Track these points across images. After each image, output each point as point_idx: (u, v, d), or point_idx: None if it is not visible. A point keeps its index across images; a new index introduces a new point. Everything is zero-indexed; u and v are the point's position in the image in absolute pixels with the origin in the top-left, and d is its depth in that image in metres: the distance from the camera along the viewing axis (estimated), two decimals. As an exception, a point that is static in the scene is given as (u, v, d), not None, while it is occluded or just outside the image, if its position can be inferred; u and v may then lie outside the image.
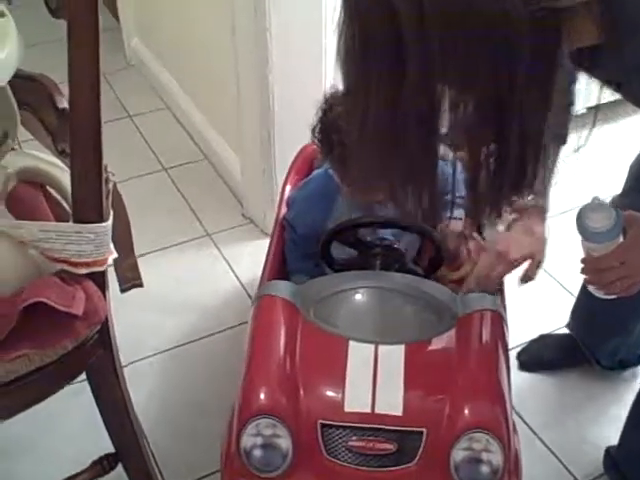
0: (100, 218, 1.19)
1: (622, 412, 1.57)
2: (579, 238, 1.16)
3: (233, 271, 2.15)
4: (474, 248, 1.51)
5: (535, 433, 1.72)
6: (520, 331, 1.83)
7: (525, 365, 1.86)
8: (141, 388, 1.78)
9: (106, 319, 1.25)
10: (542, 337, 1.91)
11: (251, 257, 2.19)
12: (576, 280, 1.47)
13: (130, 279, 1.44)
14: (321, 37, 1.98)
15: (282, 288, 1.36)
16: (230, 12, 2.02)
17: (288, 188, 1.74)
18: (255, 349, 1.30)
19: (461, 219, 1.53)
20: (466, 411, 1.19)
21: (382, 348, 1.26)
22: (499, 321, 1.33)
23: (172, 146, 2.66)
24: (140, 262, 2.06)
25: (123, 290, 1.41)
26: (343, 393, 1.21)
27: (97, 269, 1.22)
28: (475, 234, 1.55)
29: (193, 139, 2.69)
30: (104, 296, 1.25)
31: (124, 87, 2.99)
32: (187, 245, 2.25)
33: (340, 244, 1.42)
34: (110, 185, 1.34)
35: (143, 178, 2.51)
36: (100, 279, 1.24)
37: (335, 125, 1.38)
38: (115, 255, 1.28)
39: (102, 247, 1.22)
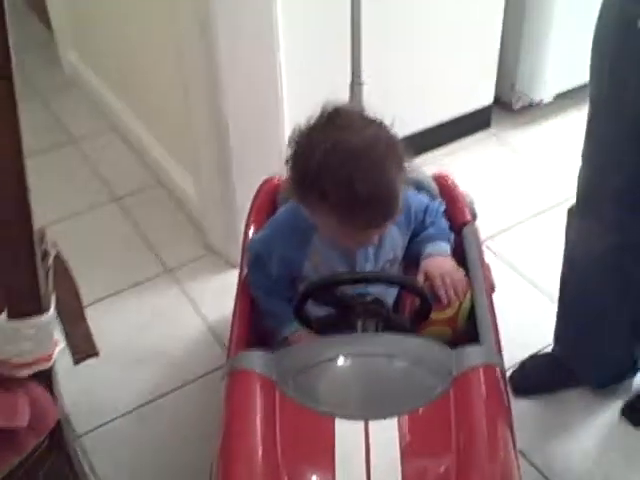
0: (40, 309, 1.03)
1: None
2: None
3: (198, 312, 1.99)
4: (462, 285, 1.38)
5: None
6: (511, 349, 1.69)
7: (518, 391, 1.73)
8: (107, 457, 1.63)
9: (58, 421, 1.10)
10: (530, 359, 1.81)
11: (216, 294, 2.04)
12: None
13: (83, 349, 1.29)
14: (275, 64, 1.84)
15: (256, 360, 1.21)
16: (176, 33, 1.86)
17: (252, 230, 1.59)
18: (231, 437, 1.15)
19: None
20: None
21: (373, 424, 1.12)
22: (498, 376, 1.21)
23: (122, 173, 2.48)
24: (95, 309, 1.91)
25: (77, 362, 1.27)
26: (334, 482, 1.07)
27: (42, 367, 1.06)
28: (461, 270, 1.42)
29: (144, 164, 2.51)
30: (53, 396, 1.09)
31: (64, 106, 2.81)
32: (146, 285, 2.08)
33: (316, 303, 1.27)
34: (50, 260, 1.18)
35: (91, 211, 2.33)
36: (46, 377, 1.08)
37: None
38: (62, 345, 1.12)
39: (45, 342, 1.06)
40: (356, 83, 1.56)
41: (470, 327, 1.38)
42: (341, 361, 1.19)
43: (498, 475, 1.11)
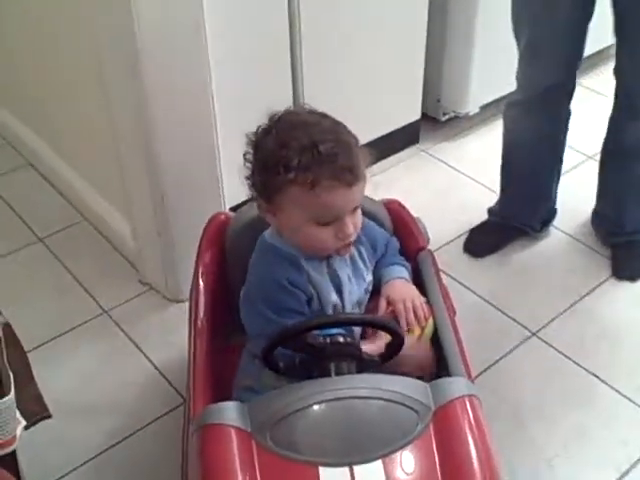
0: (0, 393, 0.95)
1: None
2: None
3: (142, 352, 1.91)
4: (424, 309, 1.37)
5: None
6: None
7: (475, 253, 2.17)
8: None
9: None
10: (476, 228, 2.23)
11: (159, 331, 1.96)
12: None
13: (35, 412, 1.22)
14: (207, 86, 1.78)
15: (229, 412, 1.15)
16: (103, 76, 1.79)
17: (201, 269, 1.53)
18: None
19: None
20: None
21: (358, 469, 1.09)
22: (477, 405, 1.19)
23: (44, 210, 2.37)
24: (32, 357, 1.80)
25: (28, 426, 1.19)
26: (325, 534, 1.04)
27: (6, 451, 0.98)
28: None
29: (67, 199, 2.40)
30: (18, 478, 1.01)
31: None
32: (83, 328, 1.98)
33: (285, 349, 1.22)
34: (0, 332, 1.10)
35: (16, 254, 2.21)
36: (11, 461, 1.01)
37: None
38: (23, 423, 1.04)
39: (8, 424, 0.99)
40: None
41: (434, 353, 1.36)
42: (319, 407, 1.14)
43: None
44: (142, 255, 2.09)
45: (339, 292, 1.32)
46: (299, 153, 1.17)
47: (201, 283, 1.50)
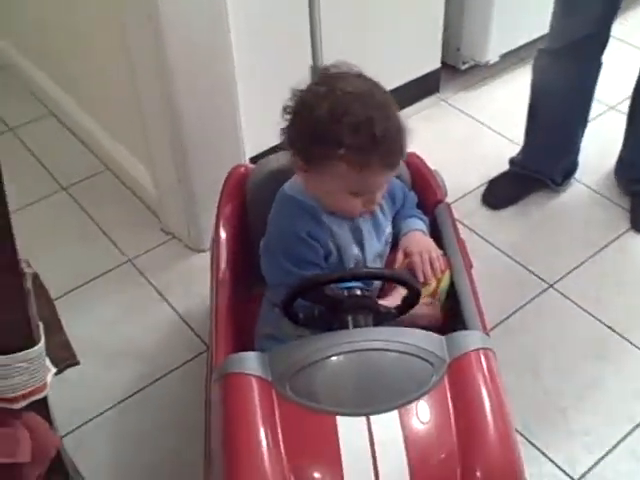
0: (31, 342, 0.99)
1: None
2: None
3: (166, 300, 1.95)
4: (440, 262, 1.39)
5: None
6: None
7: (494, 205, 2.17)
8: (89, 457, 1.59)
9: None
10: (495, 180, 2.22)
11: (182, 280, 2.00)
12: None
13: (64, 358, 1.26)
14: (224, 29, 1.77)
15: (250, 362, 1.19)
16: (121, 18, 1.78)
17: (222, 221, 1.55)
18: (233, 444, 1.13)
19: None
20: (478, 473, 1.10)
21: (374, 419, 1.12)
22: (491, 358, 1.22)
23: (67, 159, 2.39)
24: (57, 306, 1.85)
25: (58, 372, 1.23)
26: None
27: (37, 397, 1.02)
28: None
29: (89, 148, 2.42)
30: (51, 425, 1.05)
31: (-4, 94, 2.67)
32: (108, 277, 2.02)
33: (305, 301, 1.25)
34: (29, 282, 1.13)
35: (40, 203, 2.25)
36: (43, 406, 1.05)
37: None
38: (53, 370, 1.08)
39: (39, 372, 1.02)
40: (317, 66, 1.52)
41: (450, 305, 1.38)
42: (336, 358, 1.17)
43: (501, 456, 1.13)
44: (163, 204, 2.12)
45: (360, 245, 1.34)
46: (353, 130, 1.15)
47: (222, 235, 1.52)
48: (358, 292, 1.24)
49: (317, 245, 1.29)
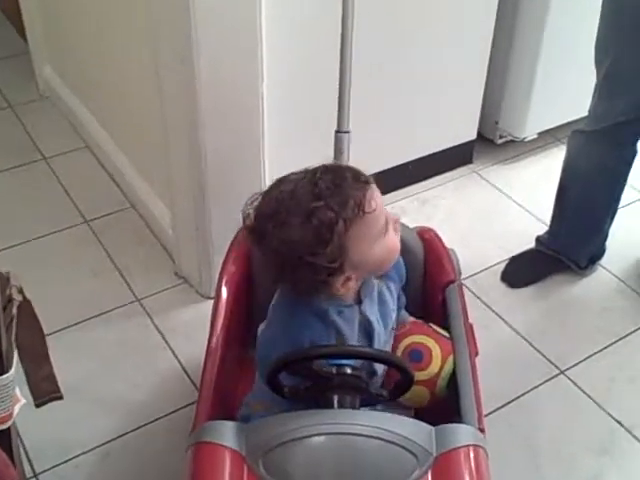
0: (1, 370, 0.97)
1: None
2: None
3: (168, 344, 1.93)
4: (442, 346, 1.34)
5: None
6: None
7: (514, 283, 2.12)
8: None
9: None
10: (517, 257, 2.17)
11: (188, 326, 1.98)
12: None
13: (47, 392, 1.24)
14: (257, 86, 1.78)
15: (225, 432, 1.14)
16: (153, 52, 1.80)
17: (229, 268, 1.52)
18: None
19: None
20: None
21: (349, 512, 1.07)
22: (481, 457, 1.14)
23: (94, 193, 2.41)
24: (57, 339, 1.84)
25: (38, 405, 1.21)
26: None
27: (0, 428, 1.00)
28: (441, 331, 1.37)
29: (117, 184, 2.44)
30: (12, 459, 1.02)
31: (36, 122, 2.73)
32: (113, 314, 2.01)
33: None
34: (14, 309, 1.12)
35: (61, 233, 2.26)
36: (5, 437, 1.02)
37: None
38: (23, 401, 1.06)
39: (5, 401, 1.00)
40: (342, 131, 1.51)
41: (449, 392, 1.33)
42: (314, 440, 1.11)
43: None
44: (180, 248, 2.11)
45: (369, 339, 1.27)
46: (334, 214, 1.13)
47: (223, 295, 1.48)
48: (348, 370, 1.18)
49: None
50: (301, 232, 1.12)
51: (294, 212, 1.14)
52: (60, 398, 1.26)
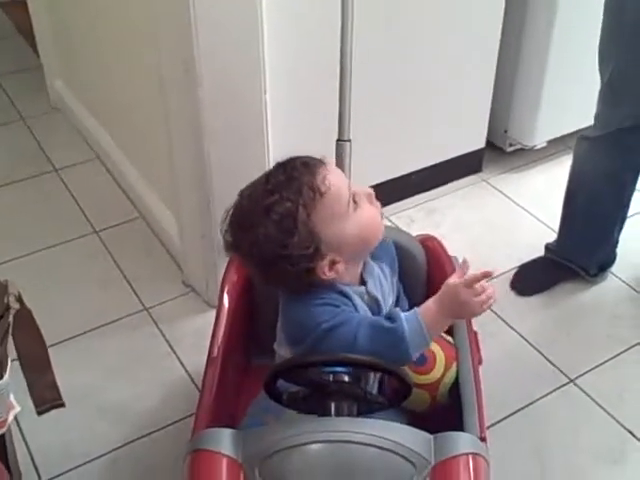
0: (-6, 377, 0.97)
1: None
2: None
3: (175, 353, 1.93)
4: (447, 352, 1.33)
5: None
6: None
7: (523, 291, 2.10)
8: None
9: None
10: (526, 265, 2.16)
11: (195, 335, 1.97)
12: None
13: (48, 400, 1.24)
14: (260, 96, 1.78)
15: (222, 440, 1.13)
16: (156, 63, 1.81)
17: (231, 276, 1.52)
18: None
19: None
20: None
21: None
22: (481, 466, 1.12)
23: (104, 204, 2.42)
24: (65, 347, 1.84)
25: (40, 412, 1.21)
26: None
27: (-7, 433, 1.00)
28: (447, 337, 1.36)
29: (127, 195, 2.45)
30: (7, 466, 1.02)
31: (48, 134, 2.76)
32: (121, 323, 2.01)
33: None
34: (10, 317, 1.12)
35: (71, 243, 2.27)
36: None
37: None
38: (17, 409, 1.06)
39: (-1, 408, 0.99)
40: (342, 140, 1.50)
41: (451, 400, 1.32)
42: (311, 448, 1.10)
43: None
44: (187, 257, 2.11)
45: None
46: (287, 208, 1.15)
47: (225, 303, 1.48)
48: (345, 378, 1.17)
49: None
50: (265, 230, 1.14)
51: (254, 213, 1.16)
52: (62, 405, 1.26)
